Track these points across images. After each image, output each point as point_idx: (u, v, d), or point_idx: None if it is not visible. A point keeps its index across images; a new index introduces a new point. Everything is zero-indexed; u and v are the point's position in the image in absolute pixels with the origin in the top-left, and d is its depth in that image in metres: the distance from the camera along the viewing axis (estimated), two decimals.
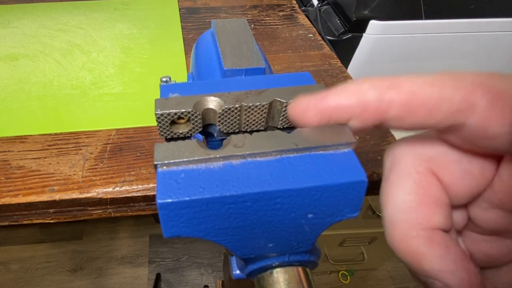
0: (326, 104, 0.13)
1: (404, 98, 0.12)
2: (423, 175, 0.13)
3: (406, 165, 0.13)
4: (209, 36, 0.25)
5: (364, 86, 0.12)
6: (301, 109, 0.13)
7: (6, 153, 0.36)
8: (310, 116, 0.13)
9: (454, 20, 0.57)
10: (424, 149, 0.14)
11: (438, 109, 0.11)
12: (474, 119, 0.11)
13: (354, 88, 0.12)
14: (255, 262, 0.15)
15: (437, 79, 0.12)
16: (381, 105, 0.12)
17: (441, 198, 0.13)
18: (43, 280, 1.13)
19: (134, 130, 0.39)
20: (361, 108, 0.12)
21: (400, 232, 0.13)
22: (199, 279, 1.17)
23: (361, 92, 0.12)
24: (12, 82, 0.45)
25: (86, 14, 0.60)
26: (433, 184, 0.13)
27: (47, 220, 0.34)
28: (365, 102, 0.12)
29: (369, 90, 0.12)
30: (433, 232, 0.12)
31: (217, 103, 0.15)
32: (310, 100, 0.13)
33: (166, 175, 0.13)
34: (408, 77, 0.12)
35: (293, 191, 0.12)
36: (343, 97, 0.13)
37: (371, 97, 0.12)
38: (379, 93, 0.12)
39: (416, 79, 0.12)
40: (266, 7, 0.65)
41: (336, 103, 0.13)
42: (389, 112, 0.12)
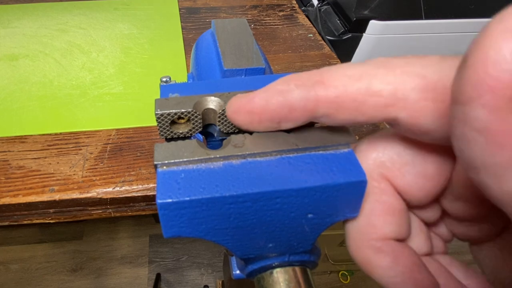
0: (252, 106, 0.12)
1: (330, 96, 0.11)
2: (376, 181, 0.13)
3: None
4: (209, 36, 0.25)
5: (290, 84, 0.12)
6: (232, 110, 0.13)
7: (6, 153, 0.36)
8: (241, 119, 0.13)
9: (454, 20, 0.57)
10: (377, 153, 0.13)
11: (366, 104, 0.11)
12: (404, 114, 0.10)
13: (279, 87, 0.12)
14: (255, 262, 0.15)
15: (367, 69, 0.11)
16: (307, 104, 0.11)
17: (393, 205, 0.13)
18: (43, 280, 1.13)
19: (134, 130, 0.39)
20: (287, 108, 0.12)
21: (354, 242, 0.13)
22: (199, 279, 1.17)
23: (287, 92, 0.12)
24: (12, 82, 0.45)
25: (86, 14, 0.60)
26: (386, 190, 0.13)
27: (47, 220, 0.34)
28: (291, 102, 0.12)
29: (295, 89, 0.11)
30: (383, 243, 0.12)
31: (217, 103, 0.15)
32: (240, 101, 0.13)
33: (166, 175, 0.13)
34: (338, 69, 0.11)
35: (293, 191, 0.12)
36: (269, 98, 0.12)
37: (296, 96, 0.11)
38: (305, 91, 0.11)
39: (346, 71, 0.11)
40: (266, 7, 0.65)
41: (262, 104, 0.12)
42: (317, 110, 0.11)
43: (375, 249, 0.12)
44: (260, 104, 0.12)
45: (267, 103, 0.12)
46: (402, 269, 0.12)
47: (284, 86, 0.12)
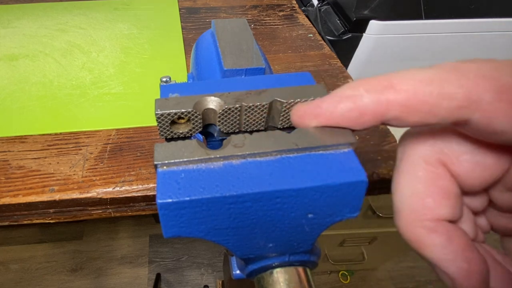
0: (320, 111, 0.13)
1: (402, 99, 0.11)
2: (433, 166, 0.13)
3: (416, 156, 0.13)
4: (209, 36, 0.25)
5: (360, 90, 0.12)
6: (298, 115, 0.14)
7: (6, 153, 0.36)
8: (308, 123, 0.13)
9: (454, 20, 0.57)
10: (435, 140, 0.13)
11: (439, 107, 0.11)
12: (478, 115, 0.11)
13: (349, 93, 0.12)
14: (255, 262, 0.15)
15: (438, 73, 0.11)
16: (379, 108, 0.12)
17: (449, 189, 0.13)
18: (43, 280, 1.13)
19: (134, 130, 0.39)
20: (358, 113, 0.12)
21: (406, 220, 0.13)
22: (199, 279, 1.17)
23: (357, 97, 0.12)
24: (12, 82, 0.45)
25: (86, 14, 0.60)
26: (442, 175, 0.13)
27: (47, 220, 0.34)
28: (362, 107, 0.12)
29: (365, 94, 0.12)
30: (437, 223, 0.13)
31: (217, 103, 0.15)
32: (308, 107, 0.13)
33: (166, 175, 0.13)
34: (406, 74, 0.12)
35: (293, 191, 0.12)
36: (338, 103, 0.12)
37: (367, 101, 0.12)
38: (376, 95, 0.12)
39: (415, 75, 0.11)
40: (266, 7, 0.65)
41: (330, 110, 0.13)
42: (388, 113, 0.12)
43: (429, 229, 0.12)
44: (328, 109, 0.13)
45: (335, 108, 0.12)
46: (455, 247, 0.12)
47: (354, 92, 0.12)
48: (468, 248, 0.12)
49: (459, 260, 0.12)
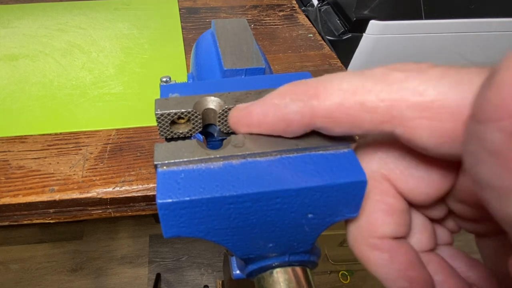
0: (251, 120, 0.13)
1: (325, 110, 0.11)
2: (377, 182, 0.13)
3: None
4: (209, 36, 0.25)
5: (286, 98, 0.12)
6: (232, 122, 0.14)
7: (6, 153, 0.36)
8: (242, 131, 0.13)
9: (454, 20, 0.57)
10: (381, 153, 0.13)
11: (362, 119, 0.11)
12: (400, 130, 0.10)
13: (275, 102, 0.12)
14: (255, 262, 0.15)
15: (364, 83, 0.11)
16: (303, 119, 0.11)
17: (394, 205, 0.13)
18: (43, 280, 1.13)
19: (134, 130, 0.39)
20: (285, 123, 0.12)
21: (353, 238, 0.13)
22: (199, 279, 1.17)
23: (283, 107, 0.12)
24: (12, 82, 0.45)
25: (86, 14, 0.60)
26: (387, 191, 0.13)
27: (47, 220, 0.34)
28: (288, 117, 0.12)
29: (291, 104, 0.12)
30: (381, 240, 0.13)
31: (217, 103, 0.15)
32: (239, 114, 0.13)
33: (166, 175, 0.13)
34: (333, 82, 0.11)
35: (293, 191, 0.12)
36: (266, 112, 0.12)
37: (292, 111, 0.12)
38: (301, 106, 0.11)
39: (341, 84, 0.11)
40: (266, 7, 0.65)
41: (259, 119, 0.12)
42: (313, 123, 0.12)
43: (372, 247, 0.13)
44: (257, 119, 0.13)
45: (264, 117, 0.12)
46: (397, 266, 0.12)
47: (280, 100, 0.12)
48: (411, 266, 0.12)
49: (401, 279, 0.12)
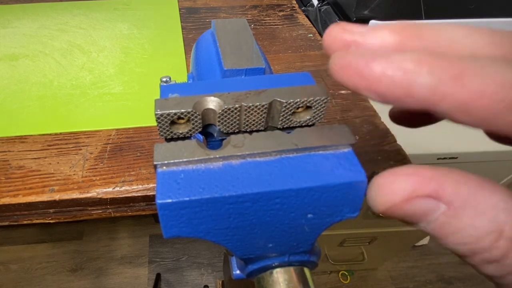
0: (368, 72, 0.11)
1: (465, 98, 0.09)
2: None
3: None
4: (209, 36, 0.25)
5: (423, 67, 0.10)
6: (340, 66, 0.11)
7: (6, 153, 0.36)
8: (346, 79, 0.11)
9: (454, 20, 0.57)
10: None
11: (501, 118, 0.09)
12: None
13: (409, 66, 0.10)
14: (255, 262, 0.15)
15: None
16: (431, 98, 0.10)
17: None
18: (43, 280, 1.13)
19: (134, 130, 0.39)
20: (406, 92, 0.10)
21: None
22: (199, 279, 1.17)
23: (415, 74, 0.10)
24: (12, 82, 0.45)
25: (86, 14, 0.60)
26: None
27: (47, 220, 0.34)
28: (413, 88, 0.10)
29: (426, 75, 0.10)
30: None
31: (216, 103, 0.15)
32: (355, 60, 0.11)
33: (165, 175, 0.13)
34: (486, 68, 0.09)
35: (292, 191, 0.12)
36: (391, 72, 0.10)
37: (423, 84, 0.10)
38: (436, 82, 0.10)
39: (497, 72, 0.09)
40: (266, 7, 0.65)
41: (379, 75, 0.10)
42: (438, 106, 0.10)
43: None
44: (377, 74, 0.11)
45: (385, 77, 0.10)
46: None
47: (415, 67, 0.10)
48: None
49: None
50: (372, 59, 0.11)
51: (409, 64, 0.10)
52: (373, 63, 0.11)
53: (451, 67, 0.10)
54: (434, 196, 0.10)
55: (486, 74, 0.09)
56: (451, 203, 0.10)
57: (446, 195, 0.10)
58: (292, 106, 0.15)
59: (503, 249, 0.09)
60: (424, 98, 0.10)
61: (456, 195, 0.10)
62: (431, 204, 0.10)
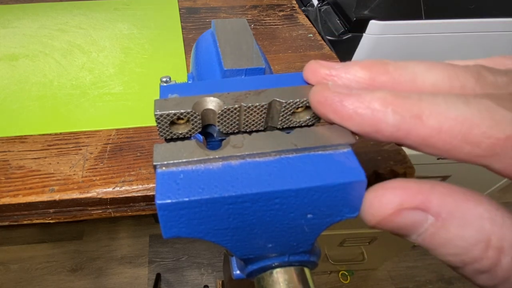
0: (341, 109, 0.12)
1: (425, 134, 0.11)
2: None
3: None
4: (209, 36, 0.25)
5: (388, 108, 0.11)
6: (317, 101, 0.13)
7: (6, 153, 0.36)
8: (323, 113, 0.13)
9: (454, 20, 0.57)
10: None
11: (460, 150, 0.10)
12: (499, 166, 0.10)
13: (376, 107, 0.11)
14: (254, 263, 0.15)
15: (471, 114, 0.10)
16: (396, 133, 0.11)
17: None
18: (43, 280, 1.13)
19: (134, 130, 0.39)
20: (375, 129, 0.12)
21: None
22: (199, 279, 1.17)
23: (381, 114, 0.11)
24: (12, 82, 0.45)
25: (86, 14, 0.60)
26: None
27: (47, 220, 0.34)
28: (381, 126, 0.11)
29: (391, 115, 0.11)
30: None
31: (216, 103, 0.15)
32: (330, 98, 0.12)
33: (165, 176, 0.13)
34: (440, 107, 0.11)
35: (292, 191, 0.12)
36: (361, 111, 0.12)
37: (389, 123, 0.11)
38: (400, 121, 0.11)
39: (448, 111, 0.10)
40: (266, 7, 0.65)
41: (350, 113, 0.12)
42: (403, 140, 0.11)
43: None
44: (349, 112, 0.12)
45: (356, 115, 0.12)
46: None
47: (381, 107, 0.11)
48: None
49: None
50: (345, 97, 0.12)
51: (376, 104, 0.11)
52: (346, 102, 0.12)
53: (412, 106, 0.11)
54: (422, 208, 0.11)
55: (442, 112, 0.11)
56: (439, 214, 0.10)
57: (433, 206, 0.11)
58: (291, 106, 0.15)
59: (492, 259, 0.10)
60: (391, 135, 0.11)
61: (442, 206, 0.10)
62: (419, 216, 0.11)
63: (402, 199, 0.11)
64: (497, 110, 0.10)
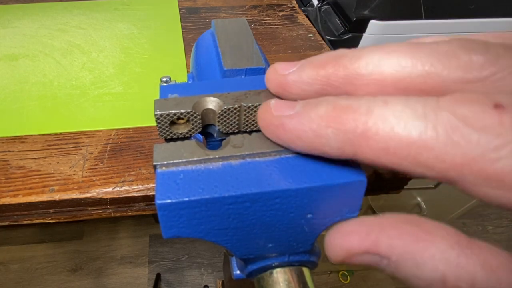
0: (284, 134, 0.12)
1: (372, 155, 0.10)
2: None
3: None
4: (209, 36, 0.25)
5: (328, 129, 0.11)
6: (262, 125, 0.13)
7: (6, 153, 0.36)
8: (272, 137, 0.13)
9: (454, 20, 0.57)
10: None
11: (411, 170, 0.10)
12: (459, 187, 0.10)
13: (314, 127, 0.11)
14: (254, 262, 0.15)
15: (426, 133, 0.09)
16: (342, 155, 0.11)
17: None
18: (43, 280, 1.13)
19: (134, 130, 0.39)
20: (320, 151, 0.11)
21: None
22: (199, 279, 1.17)
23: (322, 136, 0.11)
24: (12, 82, 0.45)
25: (86, 14, 0.60)
26: None
27: (47, 220, 0.34)
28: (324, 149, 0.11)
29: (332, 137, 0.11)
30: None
31: (216, 103, 0.15)
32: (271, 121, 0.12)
33: (165, 176, 0.13)
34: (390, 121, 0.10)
35: (292, 191, 0.12)
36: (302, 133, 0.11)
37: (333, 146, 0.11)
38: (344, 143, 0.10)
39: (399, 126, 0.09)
40: (266, 7, 0.65)
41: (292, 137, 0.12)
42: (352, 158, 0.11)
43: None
44: (291, 137, 0.12)
45: (298, 139, 0.11)
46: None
47: (320, 128, 0.11)
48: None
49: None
50: (286, 119, 0.12)
51: (316, 124, 0.11)
52: (287, 125, 0.12)
53: (357, 122, 0.10)
54: (372, 251, 0.11)
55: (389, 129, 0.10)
56: (390, 257, 0.10)
57: (382, 250, 0.10)
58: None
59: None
60: (337, 155, 0.11)
61: (391, 250, 0.10)
62: (372, 258, 0.11)
63: (351, 245, 0.11)
64: (458, 127, 0.09)
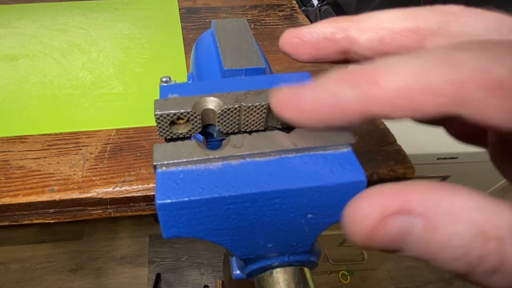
0: (302, 106, 0.11)
1: (387, 97, 0.10)
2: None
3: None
4: (209, 36, 0.25)
5: (342, 83, 0.11)
6: (276, 103, 0.12)
7: (6, 153, 0.36)
8: (288, 115, 0.12)
9: None
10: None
11: (425, 104, 0.10)
12: (468, 112, 0.10)
13: (331, 87, 0.11)
14: (255, 262, 0.15)
15: (425, 65, 0.10)
16: (363, 107, 0.11)
17: None
18: (43, 280, 1.13)
19: (134, 130, 0.39)
20: (341, 110, 0.11)
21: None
22: (199, 279, 1.17)
23: (339, 92, 0.11)
24: (12, 82, 0.45)
25: (86, 14, 0.60)
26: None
27: (47, 220, 0.34)
28: (344, 104, 0.11)
29: (348, 90, 0.11)
30: None
31: (216, 103, 0.15)
32: (286, 95, 0.12)
33: (165, 176, 0.13)
34: (392, 66, 0.10)
35: (292, 191, 0.12)
36: (320, 97, 0.11)
37: (350, 98, 0.11)
38: (359, 92, 0.11)
39: (401, 68, 0.10)
40: (266, 7, 0.65)
41: (311, 103, 0.11)
42: (372, 111, 0.11)
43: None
44: (310, 105, 0.11)
45: (317, 105, 0.11)
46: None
47: (336, 87, 0.11)
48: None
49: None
50: (301, 89, 0.12)
51: (332, 84, 0.11)
52: (303, 93, 0.11)
53: (366, 74, 0.11)
54: (405, 210, 0.10)
55: (396, 70, 0.10)
56: (424, 214, 0.10)
57: (416, 206, 0.10)
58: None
59: (496, 252, 0.09)
60: (358, 111, 0.11)
61: (424, 204, 0.10)
62: (405, 220, 0.10)
63: (382, 205, 0.10)
64: (453, 54, 0.10)
